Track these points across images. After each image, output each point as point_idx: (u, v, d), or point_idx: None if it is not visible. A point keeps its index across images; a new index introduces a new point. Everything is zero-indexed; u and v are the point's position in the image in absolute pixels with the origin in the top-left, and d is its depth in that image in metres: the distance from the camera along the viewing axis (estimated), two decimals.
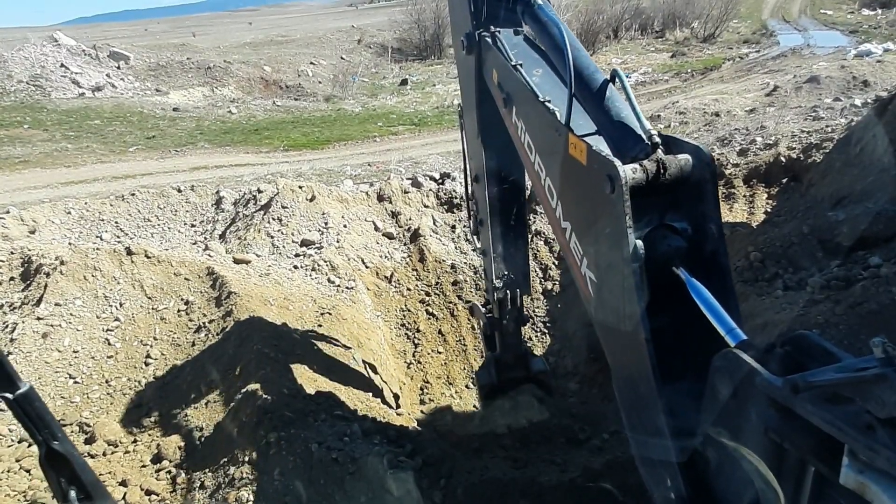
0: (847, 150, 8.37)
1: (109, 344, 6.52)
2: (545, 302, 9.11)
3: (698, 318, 2.25)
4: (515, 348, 5.99)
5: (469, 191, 5.46)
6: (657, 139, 2.42)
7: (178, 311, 7.00)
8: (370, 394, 6.20)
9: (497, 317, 5.74)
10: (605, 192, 2.29)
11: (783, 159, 9.53)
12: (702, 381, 2.16)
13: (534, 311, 8.94)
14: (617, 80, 2.80)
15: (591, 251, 2.62)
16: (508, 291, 5.53)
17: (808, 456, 1.77)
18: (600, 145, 2.51)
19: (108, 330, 6.67)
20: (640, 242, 2.29)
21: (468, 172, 5.35)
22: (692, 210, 2.45)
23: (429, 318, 8.72)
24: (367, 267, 8.97)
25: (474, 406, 7.55)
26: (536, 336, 8.80)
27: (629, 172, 2.25)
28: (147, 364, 6.35)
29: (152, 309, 6.99)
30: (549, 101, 2.95)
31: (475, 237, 5.62)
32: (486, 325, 5.97)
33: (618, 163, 2.26)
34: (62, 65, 25.50)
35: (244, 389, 5.31)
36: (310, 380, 5.84)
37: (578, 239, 2.72)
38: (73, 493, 1.86)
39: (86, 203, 9.89)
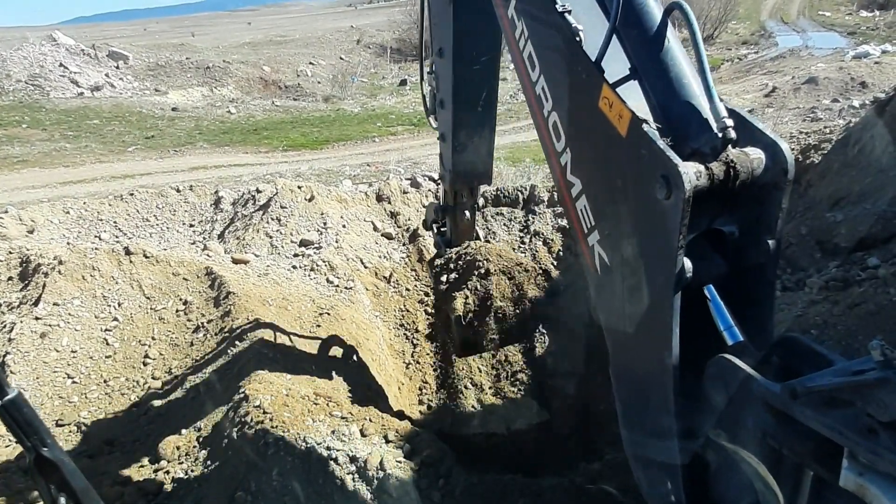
0: (845, 152, 8.39)
1: (108, 344, 6.51)
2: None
3: (710, 323, 2.14)
4: (469, 237, 5.46)
5: (426, 65, 4.71)
6: (732, 133, 1.96)
7: (177, 311, 6.99)
8: (369, 394, 6.19)
9: (451, 204, 5.25)
10: (654, 195, 1.89)
11: None
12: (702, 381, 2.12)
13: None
14: (680, 18, 2.18)
15: (612, 236, 2.25)
16: (467, 183, 5.05)
17: (808, 460, 1.76)
18: (648, 118, 2.06)
19: (106, 330, 6.66)
20: (688, 263, 1.93)
21: (430, 43, 4.55)
22: (749, 214, 2.12)
23: (428, 319, 8.71)
24: (365, 267, 8.97)
25: (473, 407, 7.55)
26: (535, 336, 8.80)
27: (692, 177, 1.82)
28: (145, 364, 6.34)
29: (151, 309, 6.98)
30: (569, 14, 2.36)
31: (430, 119, 4.90)
32: (436, 212, 5.46)
33: (682, 165, 1.82)
34: (61, 64, 25.47)
35: (242, 389, 5.30)
36: (308, 380, 5.83)
37: (592, 208, 2.34)
38: (62, 500, 1.84)
39: (84, 203, 9.88)
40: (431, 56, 4.59)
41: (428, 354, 8.31)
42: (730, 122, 1.96)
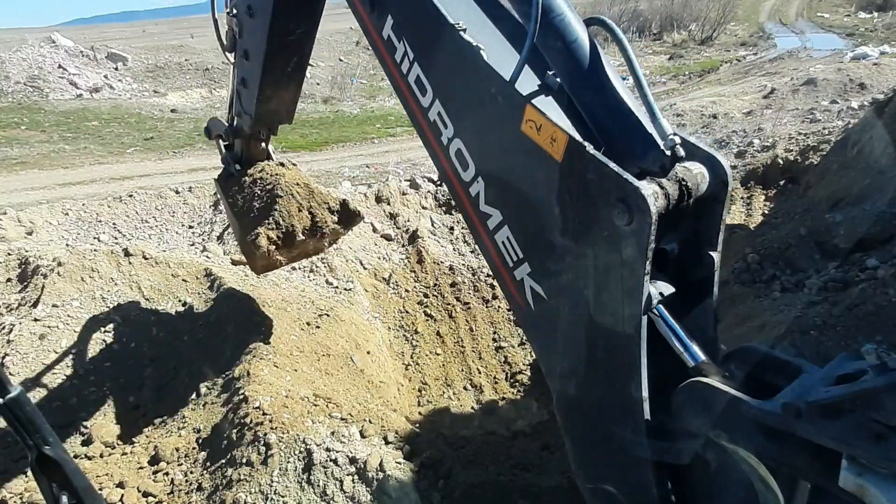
0: (844, 153, 8.40)
1: (107, 345, 6.51)
2: None
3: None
4: (261, 159, 5.52)
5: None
6: (681, 150, 1.89)
7: (176, 312, 6.98)
8: (368, 395, 6.19)
9: (248, 134, 5.19)
10: (612, 221, 1.78)
11: (780, 161, 9.56)
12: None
13: None
14: (605, 33, 2.07)
15: (551, 268, 2.08)
16: (268, 125, 5.10)
17: (808, 473, 1.73)
18: (579, 136, 1.89)
19: (104, 331, 6.65)
20: (653, 289, 1.85)
21: None
22: (690, 229, 2.03)
23: (427, 320, 8.71)
24: (365, 268, 8.97)
25: (472, 408, 7.55)
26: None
27: (653, 199, 1.72)
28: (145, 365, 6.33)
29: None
30: (465, 32, 2.18)
31: (228, 55, 4.74)
32: (225, 132, 5.38)
33: (644, 187, 1.71)
34: (60, 66, 25.45)
35: (242, 391, 5.30)
36: (308, 381, 5.83)
37: (520, 239, 2.16)
38: (64, 499, 1.84)
39: (83, 204, 9.87)
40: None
41: (427, 355, 8.31)
42: (678, 139, 1.88)
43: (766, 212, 8.89)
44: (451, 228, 10.03)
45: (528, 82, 2.18)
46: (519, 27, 2.38)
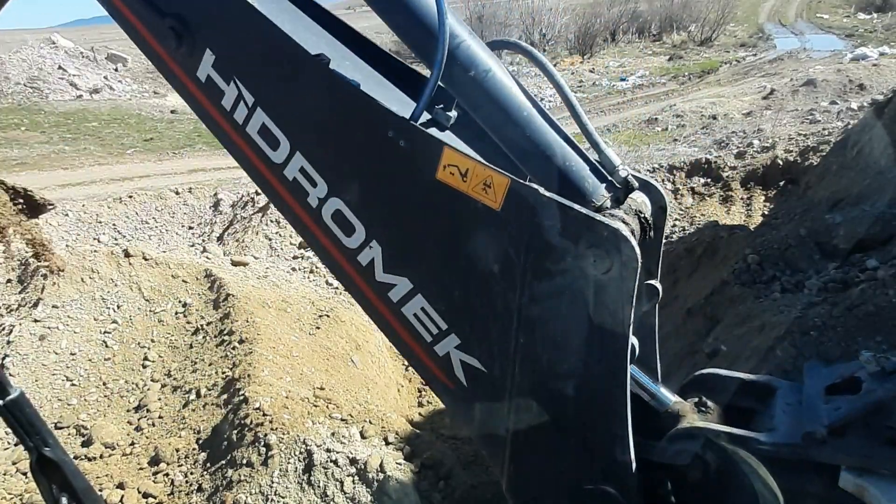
0: (844, 153, 8.41)
1: (107, 346, 6.51)
2: None
3: None
4: None
5: None
6: (634, 182, 1.74)
7: (176, 313, 6.98)
8: (368, 396, 6.19)
9: None
10: (586, 271, 1.56)
11: (780, 162, 9.57)
12: None
13: None
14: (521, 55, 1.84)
15: (490, 337, 1.78)
16: None
17: (822, 491, 1.69)
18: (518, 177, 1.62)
19: (105, 332, 6.65)
20: (634, 340, 1.67)
21: None
22: None
23: None
24: None
25: None
26: None
27: (632, 238, 1.53)
28: (144, 366, 6.33)
29: (150, 311, 6.98)
30: (329, 64, 1.79)
31: None
32: None
33: (622, 228, 1.52)
34: (60, 67, 25.46)
35: (242, 391, 5.30)
36: (308, 382, 5.83)
37: (443, 308, 1.80)
38: (64, 500, 1.84)
39: (83, 205, 9.87)
40: None
41: None
42: (628, 170, 1.73)
43: (766, 212, 8.89)
44: None
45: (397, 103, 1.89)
46: (387, 55, 2.08)
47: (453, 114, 1.85)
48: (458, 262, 1.74)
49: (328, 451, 4.50)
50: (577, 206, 1.54)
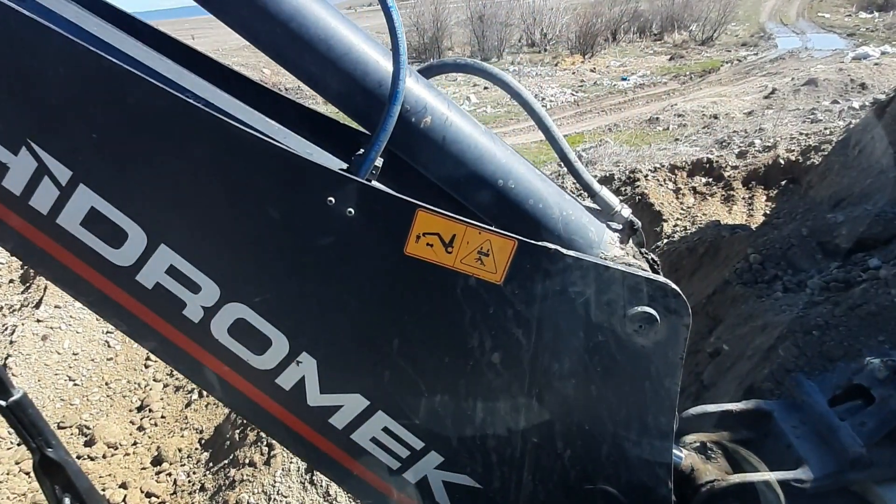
0: (846, 153, 8.40)
1: (109, 346, 6.52)
2: None
3: None
4: None
5: None
6: (637, 223, 1.46)
7: None
8: None
9: None
10: (633, 342, 1.30)
11: (782, 161, 9.56)
12: None
13: None
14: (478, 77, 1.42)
15: (489, 442, 1.44)
16: None
17: None
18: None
19: (107, 332, 6.66)
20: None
21: None
22: None
23: None
24: None
25: None
26: None
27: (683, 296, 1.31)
28: (147, 366, 6.34)
29: None
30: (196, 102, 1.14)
31: None
32: None
33: (669, 282, 1.29)
34: None
35: None
36: None
37: (412, 427, 1.41)
38: (67, 501, 1.85)
39: None
40: None
41: None
42: (628, 211, 1.46)
43: (768, 212, 8.89)
44: None
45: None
46: (286, 101, 1.55)
47: (379, 160, 1.25)
48: (439, 359, 1.35)
49: None
50: (614, 264, 1.27)
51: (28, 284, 7.28)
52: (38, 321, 6.51)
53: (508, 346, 1.32)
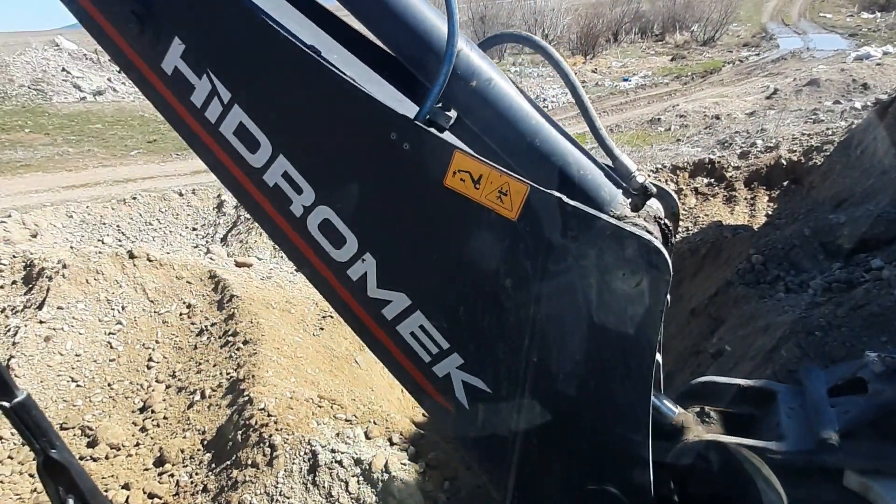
0: (848, 153, 8.39)
1: (112, 347, 6.53)
2: None
3: None
4: None
5: None
6: (652, 188, 1.63)
7: (181, 314, 7.00)
8: (373, 396, 6.20)
9: None
10: (616, 285, 1.48)
11: (784, 162, 9.55)
12: None
13: None
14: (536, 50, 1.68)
15: (499, 354, 1.67)
16: None
17: (835, 499, 1.70)
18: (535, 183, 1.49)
19: (110, 333, 6.67)
20: (659, 358, 1.61)
21: None
22: None
23: None
24: None
25: None
26: None
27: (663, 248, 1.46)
28: (149, 367, 6.35)
29: (154, 312, 7.00)
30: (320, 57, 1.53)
31: None
32: None
33: (652, 239, 1.44)
34: (64, 69, 25.55)
35: (246, 392, 5.31)
36: (312, 383, 5.84)
37: (444, 325, 1.68)
38: (71, 502, 1.85)
39: (87, 207, 9.90)
40: None
41: None
42: (644, 175, 1.64)
43: (770, 212, 8.88)
44: None
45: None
46: (386, 54, 1.85)
47: (452, 113, 1.62)
48: (465, 276, 1.61)
49: (333, 451, 4.51)
50: (604, 216, 1.45)
51: (31, 286, 7.30)
52: (41, 322, 6.52)
53: (518, 275, 1.54)
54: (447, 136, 1.57)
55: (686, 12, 38.01)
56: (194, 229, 9.94)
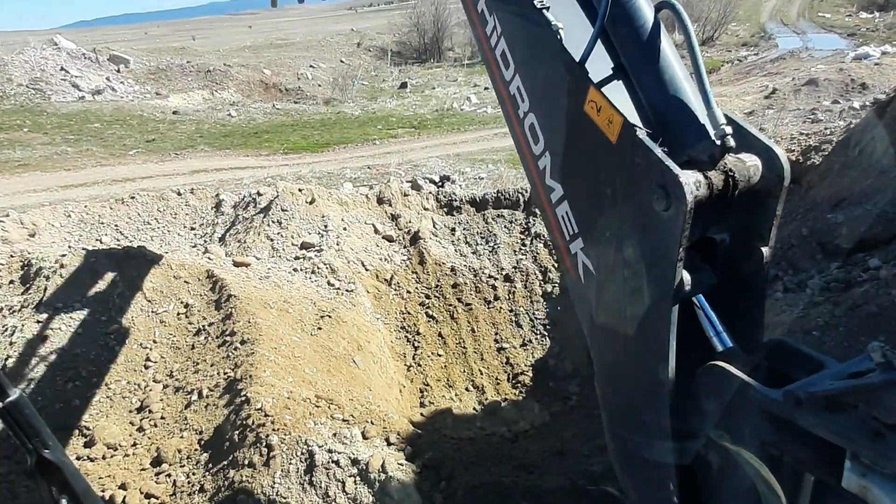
0: (846, 153, 8.39)
1: (109, 347, 6.51)
2: (545, 304, 9.11)
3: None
4: None
5: None
6: (731, 142, 1.86)
7: (178, 314, 6.99)
8: (370, 396, 6.18)
9: None
10: (651, 206, 1.79)
11: None
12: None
13: (534, 314, 8.94)
14: (673, 19, 2.17)
15: (599, 245, 2.14)
16: None
17: (810, 466, 1.74)
18: (638, 123, 1.94)
19: (107, 333, 6.65)
20: (686, 275, 1.84)
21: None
22: (742, 222, 2.02)
23: (429, 321, 8.71)
24: (366, 270, 8.97)
25: (474, 409, 7.54)
26: (536, 339, 8.79)
27: (693, 188, 1.72)
28: (147, 367, 6.33)
29: (152, 312, 6.98)
30: (548, 11, 2.24)
31: None
32: None
33: (682, 175, 1.71)
34: (62, 68, 25.52)
35: (244, 392, 5.30)
36: (310, 383, 5.83)
37: (575, 215, 2.24)
38: (64, 502, 1.83)
39: (85, 206, 9.88)
40: None
41: (429, 357, 8.30)
42: (728, 130, 1.85)
43: None
44: (453, 230, 10.03)
45: (603, 62, 2.24)
46: (594, 10, 2.37)
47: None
48: (588, 180, 2.12)
49: (330, 451, 4.50)
50: (656, 151, 1.77)
51: (28, 286, 7.28)
52: (38, 322, 6.50)
53: (612, 186, 1.99)
54: (615, 84, 2.11)
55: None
56: (192, 229, 9.92)
